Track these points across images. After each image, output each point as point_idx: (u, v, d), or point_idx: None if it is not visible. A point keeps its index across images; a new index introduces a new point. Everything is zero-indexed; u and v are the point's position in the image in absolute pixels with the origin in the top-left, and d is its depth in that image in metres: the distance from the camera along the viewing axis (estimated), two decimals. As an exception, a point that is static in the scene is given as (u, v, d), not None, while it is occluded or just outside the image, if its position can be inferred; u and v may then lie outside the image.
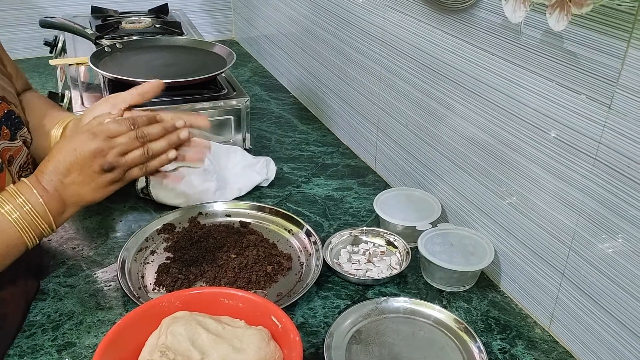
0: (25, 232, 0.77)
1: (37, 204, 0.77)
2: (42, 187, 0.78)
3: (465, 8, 0.90)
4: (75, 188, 0.79)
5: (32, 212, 0.77)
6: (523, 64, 0.82)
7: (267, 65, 1.88)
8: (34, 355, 0.80)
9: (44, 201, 0.77)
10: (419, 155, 1.11)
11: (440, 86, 1.01)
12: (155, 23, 1.66)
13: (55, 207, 0.79)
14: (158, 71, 1.28)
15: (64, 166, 0.78)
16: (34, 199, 0.77)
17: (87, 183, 0.79)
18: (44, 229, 0.79)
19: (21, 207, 0.77)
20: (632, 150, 0.68)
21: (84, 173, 0.79)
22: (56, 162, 0.78)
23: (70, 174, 0.78)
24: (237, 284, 0.92)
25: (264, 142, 1.40)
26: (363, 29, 1.23)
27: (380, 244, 1.03)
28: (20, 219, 0.76)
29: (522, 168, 0.86)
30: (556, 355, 0.83)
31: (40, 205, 0.77)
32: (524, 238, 0.88)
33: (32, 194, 0.77)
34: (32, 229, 0.77)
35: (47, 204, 0.78)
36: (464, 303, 0.91)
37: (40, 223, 0.78)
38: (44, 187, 0.78)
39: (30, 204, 0.77)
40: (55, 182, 0.78)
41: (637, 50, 0.65)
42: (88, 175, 0.79)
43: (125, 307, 0.89)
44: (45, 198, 0.77)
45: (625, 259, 0.72)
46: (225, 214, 1.10)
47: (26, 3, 1.92)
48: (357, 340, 0.82)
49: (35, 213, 0.77)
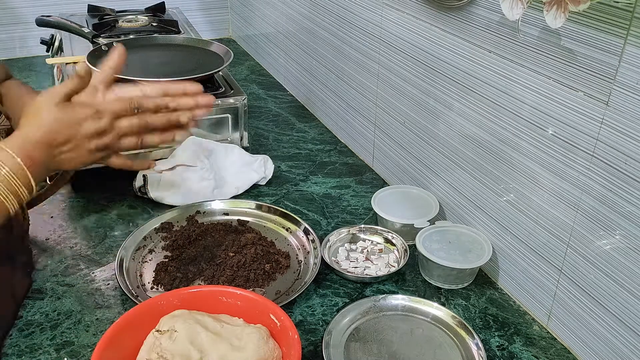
0: (7, 199, 0.74)
1: (21, 175, 0.74)
2: (28, 156, 0.74)
3: (462, 5, 0.90)
4: (62, 158, 0.77)
5: (14, 180, 0.73)
6: (520, 61, 0.82)
7: (265, 64, 1.88)
8: (33, 355, 0.80)
9: (29, 171, 0.74)
10: (417, 153, 1.11)
11: (437, 84, 1.01)
12: (152, 22, 1.66)
13: (37, 174, 0.76)
14: (155, 70, 1.28)
15: (58, 139, 0.75)
16: (18, 170, 0.73)
17: (76, 155, 0.78)
18: (23, 195, 0.75)
19: (4, 178, 0.73)
20: (630, 147, 0.68)
21: (77, 148, 0.77)
22: (49, 133, 0.75)
23: (63, 146, 0.76)
24: (235, 282, 0.92)
25: (261, 140, 1.40)
26: (361, 27, 1.23)
27: (378, 242, 1.03)
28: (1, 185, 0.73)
29: (520, 165, 0.86)
30: (554, 352, 0.83)
31: (25, 177, 0.74)
32: (521, 235, 0.88)
33: (15, 163, 0.73)
34: (13, 195, 0.74)
35: (32, 173, 0.75)
36: (462, 300, 0.91)
37: (22, 191, 0.75)
38: (30, 156, 0.74)
39: (14, 174, 0.73)
40: (44, 154, 0.75)
41: (634, 47, 0.66)
42: (81, 149, 0.78)
43: (123, 306, 0.89)
44: (31, 168, 0.74)
45: (622, 256, 0.72)
46: (223, 212, 1.10)
47: (22, 1, 1.91)
48: (355, 338, 0.83)
49: (17, 180, 0.73)
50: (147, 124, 0.81)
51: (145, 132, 0.82)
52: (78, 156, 0.78)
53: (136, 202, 1.14)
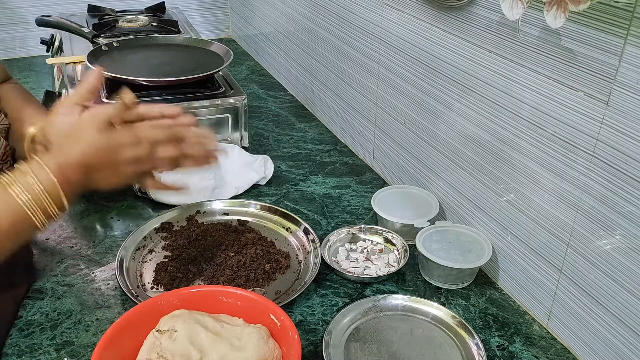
0: (36, 215, 0.73)
1: (54, 194, 0.73)
2: (64, 176, 0.74)
3: (462, 5, 0.90)
4: (98, 180, 0.77)
5: (46, 198, 0.73)
6: (520, 61, 0.82)
7: (265, 64, 1.88)
8: (33, 355, 0.80)
9: (63, 191, 0.74)
10: (417, 153, 1.11)
11: (437, 84, 1.01)
12: (152, 21, 1.66)
13: (71, 194, 0.76)
14: (155, 70, 1.28)
15: (97, 163, 0.76)
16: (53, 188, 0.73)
17: (112, 178, 0.78)
18: (54, 213, 0.75)
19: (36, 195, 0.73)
20: (630, 147, 0.68)
21: (114, 172, 0.77)
22: (89, 157, 0.75)
23: (100, 170, 0.76)
24: (235, 282, 0.92)
25: (261, 140, 1.40)
26: (361, 27, 1.23)
27: (378, 242, 1.03)
28: (31, 203, 0.72)
29: (520, 165, 0.86)
30: (554, 352, 0.83)
31: (57, 196, 0.74)
32: (521, 235, 0.88)
33: (50, 181, 0.73)
34: (42, 212, 0.74)
35: (65, 192, 0.74)
36: (462, 300, 0.91)
37: (53, 209, 0.75)
38: (67, 176, 0.74)
39: (48, 192, 0.73)
40: (81, 176, 0.75)
41: (634, 47, 0.66)
42: (117, 173, 0.78)
43: (123, 306, 0.89)
44: (66, 188, 0.74)
45: (622, 256, 0.72)
46: (223, 212, 1.10)
47: (22, 1, 1.91)
48: (355, 337, 0.83)
49: (48, 199, 0.73)
50: (183, 153, 0.81)
51: (180, 159, 0.82)
52: (113, 179, 0.78)
53: (136, 202, 1.14)
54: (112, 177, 0.78)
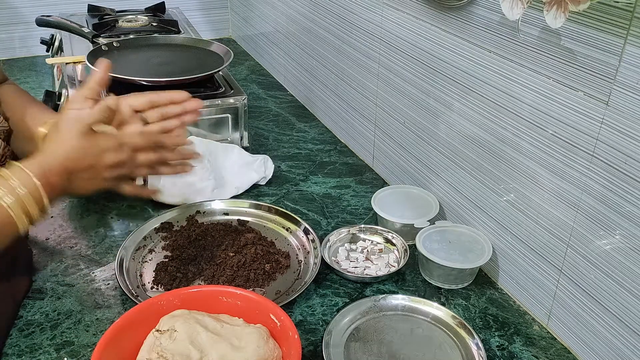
0: (20, 219, 0.74)
1: (37, 198, 0.75)
2: (47, 181, 0.75)
3: (462, 5, 0.90)
4: (79, 184, 0.79)
5: (30, 202, 0.74)
6: (520, 61, 0.82)
7: (265, 64, 1.88)
8: (33, 355, 0.80)
9: (46, 195, 0.75)
10: (417, 153, 1.11)
11: (438, 84, 1.01)
12: (152, 21, 1.66)
13: (53, 198, 0.77)
14: (155, 70, 1.28)
15: (79, 167, 0.77)
16: (35, 192, 0.74)
17: (92, 182, 0.80)
18: (36, 216, 0.76)
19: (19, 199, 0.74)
20: (630, 147, 0.68)
21: (95, 176, 0.79)
22: (71, 161, 0.76)
23: (82, 174, 0.78)
24: (235, 282, 0.92)
25: (261, 140, 1.40)
26: (361, 27, 1.23)
27: (378, 242, 1.03)
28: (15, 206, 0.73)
29: (520, 165, 0.86)
30: (554, 352, 0.83)
31: (40, 200, 0.75)
32: (521, 235, 0.88)
33: (33, 186, 0.74)
34: (26, 215, 0.75)
35: (48, 196, 0.76)
36: (462, 300, 0.91)
37: (35, 212, 0.76)
38: (49, 180, 0.75)
39: (31, 196, 0.74)
40: (63, 179, 0.77)
41: (634, 47, 0.66)
42: (97, 177, 0.79)
43: (123, 306, 0.89)
44: (48, 192, 0.76)
45: (622, 256, 0.72)
46: (223, 212, 1.10)
47: (22, 1, 1.91)
48: (355, 337, 0.83)
49: (32, 202, 0.75)
50: (163, 158, 0.84)
51: (159, 165, 0.85)
52: (93, 183, 0.80)
53: (136, 202, 1.14)
54: (92, 182, 0.80)
